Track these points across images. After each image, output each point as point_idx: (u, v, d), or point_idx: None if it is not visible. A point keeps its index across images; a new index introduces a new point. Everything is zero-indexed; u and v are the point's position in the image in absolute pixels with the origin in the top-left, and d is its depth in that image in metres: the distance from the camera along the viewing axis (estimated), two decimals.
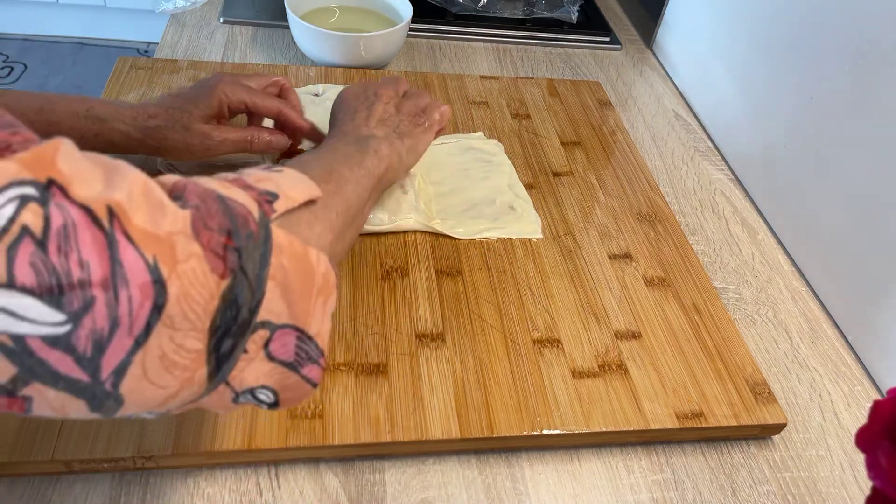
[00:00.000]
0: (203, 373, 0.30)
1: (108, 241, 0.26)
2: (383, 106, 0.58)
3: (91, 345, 0.26)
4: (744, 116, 0.78)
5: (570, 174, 0.72)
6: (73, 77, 2.17)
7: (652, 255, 0.64)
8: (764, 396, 0.53)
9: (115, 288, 0.26)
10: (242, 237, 0.31)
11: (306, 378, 0.35)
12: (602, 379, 0.52)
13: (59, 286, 0.25)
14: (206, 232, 0.30)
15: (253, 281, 0.31)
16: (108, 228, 0.26)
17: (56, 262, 0.24)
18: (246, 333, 0.31)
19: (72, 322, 0.25)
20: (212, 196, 0.32)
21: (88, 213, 0.26)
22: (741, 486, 0.50)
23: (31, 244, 0.24)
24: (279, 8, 0.83)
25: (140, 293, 0.26)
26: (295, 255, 0.34)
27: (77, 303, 0.25)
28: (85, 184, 0.26)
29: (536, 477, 0.48)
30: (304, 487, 0.45)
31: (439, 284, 0.57)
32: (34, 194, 0.24)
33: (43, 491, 0.43)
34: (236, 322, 0.30)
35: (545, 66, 0.93)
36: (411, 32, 0.93)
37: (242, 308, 0.30)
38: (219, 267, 0.29)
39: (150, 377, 0.28)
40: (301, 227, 0.37)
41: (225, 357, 0.31)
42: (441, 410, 0.48)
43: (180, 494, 0.44)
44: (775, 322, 0.63)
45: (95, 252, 0.25)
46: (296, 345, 0.34)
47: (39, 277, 0.24)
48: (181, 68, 0.77)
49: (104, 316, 0.26)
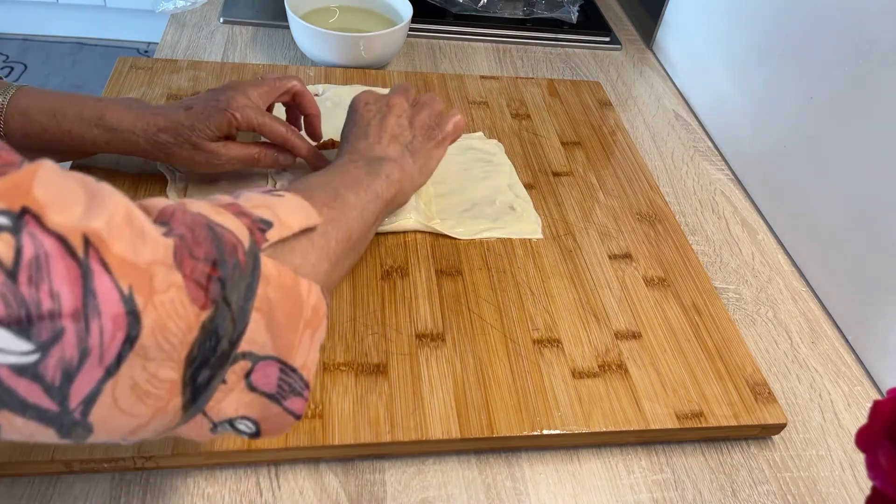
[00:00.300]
0: (177, 402, 0.30)
1: (81, 271, 0.26)
2: (396, 119, 0.57)
3: (60, 374, 0.26)
4: (744, 116, 0.78)
5: (570, 174, 0.72)
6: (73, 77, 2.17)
7: (652, 255, 0.64)
8: (764, 396, 0.53)
9: (86, 319, 0.26)
10: (229, 267, 0.31)
11: (289, 410, 0.35)
12: (602, 379, 0.52)
13: (28, 317, 0.24)
14: (191, 261, 0.29)
15: (236, 312, 0.31)
16: (83, 258, 0.26)
17: (25, 293, 0.24)
18: (225, 365, 0.31)
19: (40, 352, 0.25)
20: (200, 223, 0.31)
21: (62, 243, 0.25)
22: (741, 486, 0.50)
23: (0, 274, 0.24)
24: (279, 8, 0.83)
25: (112, 324, 0.26)
26: (283, 286, 0.33)
27: (46, 333, 0.25)
28: (64, 210, 0.26)
29: (536, 477, 0.48)
30: (304, 487, 0.45)
31: (439, 284, 0.57)
32: (6, 224, 0.24)
33: (43, 491, 0.43)
34: (215, 353, 0.30)
35: (545, 66, 0.93)
36: (411, 32, 0.93)
37: (223, 339, 0.30)
38: (200, 298, 0.29)
39: (121, 406, 0.28)
40: (294, 255, 0.37)
41: (202, 387, 0.30)
42: (441, 410, 0.48)
43: (180, 494, 0.44)
44: (775, 322, 0.63)
45: (67, 282, 0.25)
46: (278, 376, 0.34)
47: (8, 308, 0.24)
48: (181, 68, 0.77)
49: (73, 346, 0.25)
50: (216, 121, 0.55)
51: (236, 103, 0.56)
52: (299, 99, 0.62)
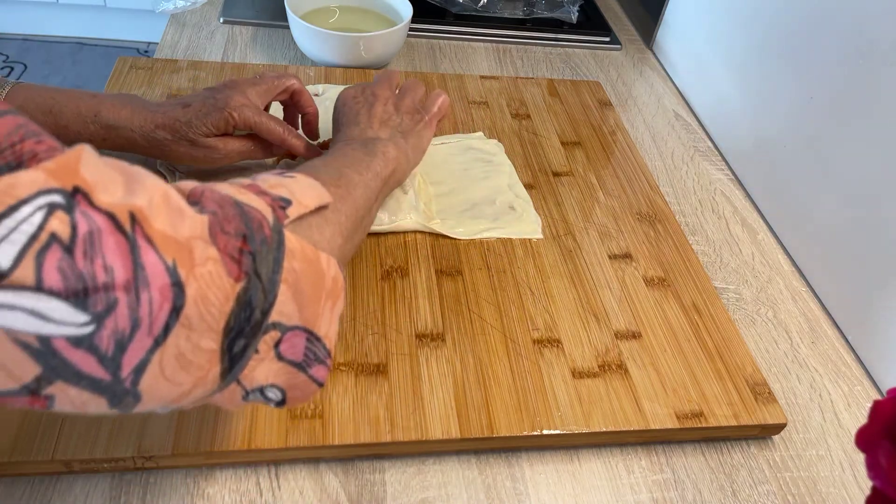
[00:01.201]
0: (216, 371, 0.31)
1: (130, 246, 0.27)
2: (382, 106, 0.59)
3: (113, 344, 0.27)
4: (744, 116, 0.78)
5: (570, 174, 0.72)
6: (73, 77, 2.18)
7: (652, 255, 0.64)
8: (764, 396, 0.53)
9: (136, 290, 0.27)
10: (257, 242, 0.32)
11: (313, 378, 0.36)
12: (602, 379, 0.52)
13: (85, 289, 0.26)
14: (223, 236, 0.31)
15: (266, 284, 0.32)
16: (131, 233, 0.27)
17: (82, 267, 0.26)
18: (258, 334, 0.32)
19: (95, 323, 0.26)
20: (229, 202, 0.33)
21: (112, 219, 0.27)
22: (741, 486, 0.50)
23: (58, 250, 0.25)
24: (279, 8, 0.83)
25: (160, 295, 0.27)
26: (306, 259, 0.35)
27: (101, 305, 0.26)
28: (107, 190, 0.27)
29: (536, 477, 0.48)
30: (304, 487, 0.45)
31: (439, 284, 0.57)
32: (61, 202, 0.26)
33: (43, 491, 0.43)
34: (249, 323, 0.31)
35: (545, 66, 0.94)
36: (411, 32, 0.93)
37: (255, 310, 0.31)
38: (234, 270, 0.30)
39: (168, 375, 0.29)
40: (312, 231, 0.38)
41: (238, 357, 0.32)
42: (441, 410, 0.48)
43: (180, 494, 0.44)
44: (775, 322, 0.63)
45: (119, 256, 0.26)
46: (305, 346, 0.35)
47: (66, 281, 0.25)
48: (181, 68, 0.77)
49: (126, 317, 0.27)
50: (214, 119, 0.55)
51: (234, 102, 0.56)
52: (297, 97, 0.62)
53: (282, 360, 0.34)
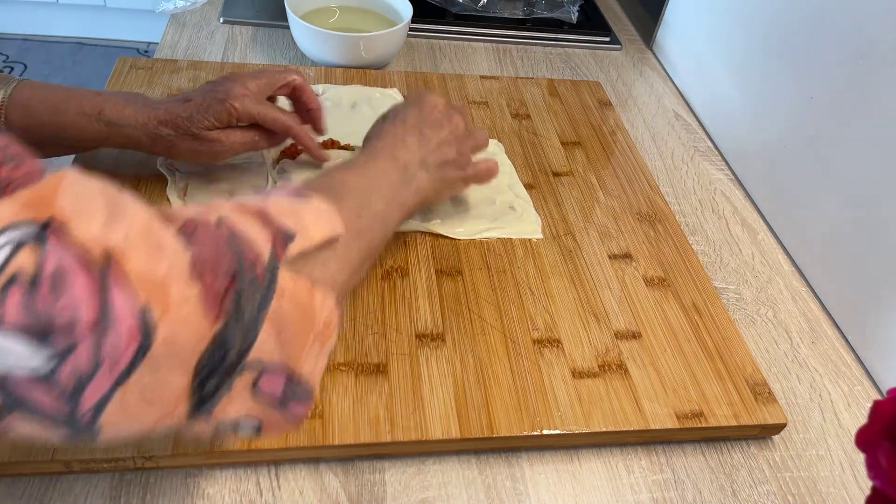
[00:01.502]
0: (184, 408, 0.30)
1: (99, 285, 0.26)
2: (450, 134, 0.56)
3: (73, 382, 0.26)
4: (744, 116, 0.78)
5: (570, 174, 0.72)
6: (73, 77, 2.17)
7: (652, 255, 0.64)
8: (764, 396, 0.53)
9: (101, 330, 0.26)
10: (246, 281, 0.31)
11: (292, 415, 0.35)
12: (602, 379, 0.52)
13: (47, 327, 0.25)
14: (210, 274, 0.30)
15: (248, 323, 0.31)
16: (101, 271, 0.26)
17: (46, 304, 0.25)
18: (233, 374, 0.31)
19: (56, 360, 0.26)
20: (223, 239, 0.32)
21: (83, 257, 0.26)
22: (741, 486, 0.50)
23: (23, 286, 0.25)
24: (279, 8, 0.83)
25: (127, 335, 0.27)
26: (297, 299, 0.34)
27: (62, 343, 0.26)
28: (85, 222, 0.27)
29: (536, 477, 0.48)
30: (304, 487, 0.45)
31: (439, 284, 0.57)
32: (31, 235, 0.25)
33: (43, 491, 0.43)
34: (224, 363, 0.31)
35: (545, 66, 0.93)
36: (411, 32, 0.93)
37: (231, 351, 0.31)
38: (214, 310, 0.30)
39: (130, 411, 0.29)
40: (315, 266, 0.37)
41: (209, 395, 0.31)
42: (441, 410, 0.48)
43: (180, 494, 0.44)
44: (775, 322, 0.63)
45: (86, 295, 0.26)
46: (284, 384, 0.34)
47: (28, 318, 0.25)
48: (181, 68, 0.77)
49: (88, 356, 0.26)
50: (215, 111, 0.55)
51: (235, 94, 0.56)
52: (300, 93, 0.62)
53: (259, 397, 0.33)
